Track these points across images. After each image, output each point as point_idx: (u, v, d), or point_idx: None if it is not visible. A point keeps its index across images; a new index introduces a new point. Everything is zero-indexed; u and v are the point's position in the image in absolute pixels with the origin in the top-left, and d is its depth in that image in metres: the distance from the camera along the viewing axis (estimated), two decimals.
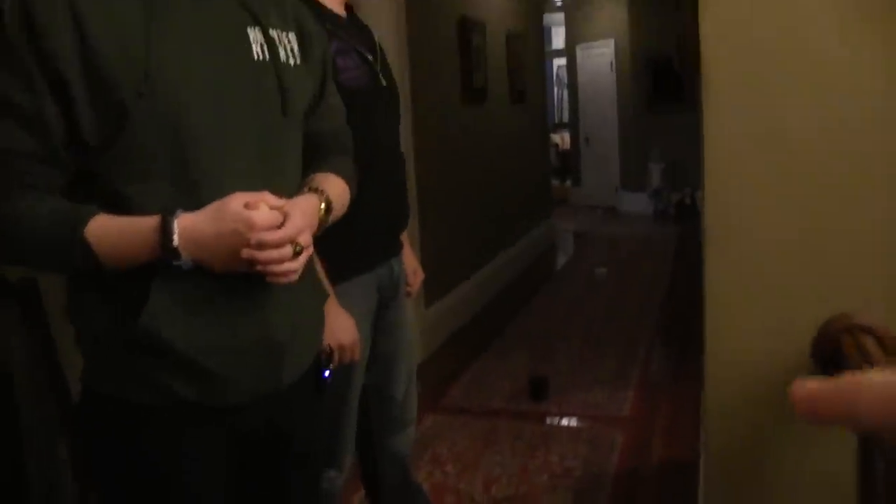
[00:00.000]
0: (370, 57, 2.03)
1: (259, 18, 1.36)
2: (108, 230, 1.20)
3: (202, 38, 1.27)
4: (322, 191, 1.42)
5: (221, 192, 1.22)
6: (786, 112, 2.27)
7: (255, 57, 1.33)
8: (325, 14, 1.96)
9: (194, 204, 1.22)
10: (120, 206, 1.21)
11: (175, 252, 1.19)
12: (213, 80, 1.26)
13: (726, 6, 2.28)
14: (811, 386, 0.29)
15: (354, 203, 1.97)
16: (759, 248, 2.38)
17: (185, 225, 1.19)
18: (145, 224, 1.20)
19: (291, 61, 1.41)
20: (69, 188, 1.24)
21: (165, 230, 1.18)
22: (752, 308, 2.31)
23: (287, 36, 1.43)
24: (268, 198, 1.25)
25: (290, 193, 1.35)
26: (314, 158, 1.52)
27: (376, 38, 2.16)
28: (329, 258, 1.87)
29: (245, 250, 1.21)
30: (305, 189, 1.41)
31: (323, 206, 1.39)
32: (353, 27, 2.07)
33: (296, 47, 1.44)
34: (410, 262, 2.28)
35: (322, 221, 1.38)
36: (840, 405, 0.28)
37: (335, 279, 1.91)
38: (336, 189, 1.48)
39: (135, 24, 1.19)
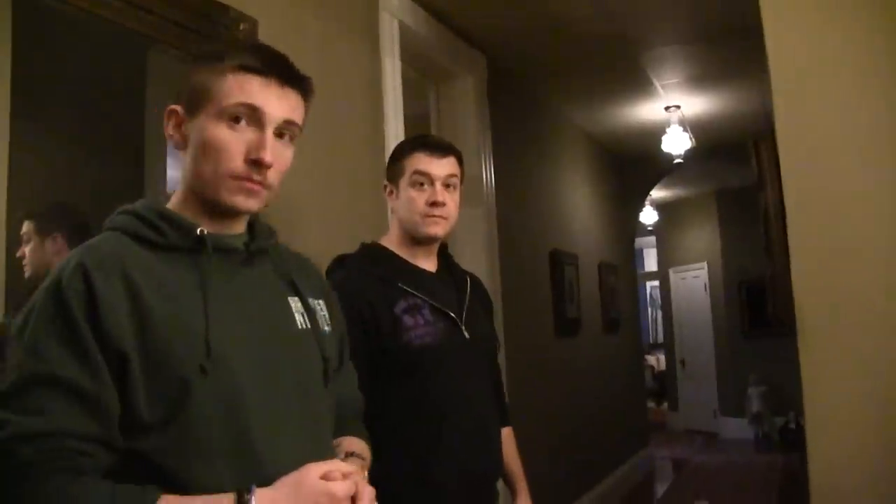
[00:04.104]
0: (452, 313, 2.01)
1: (298, 288, 1.42)
2: None
3: (250, 310, 1.30)
4: (360, 455, 1.46)
5: (277, 464, 1.21)
6: (891, 377, 2.20)
7: (299, 325, 1.38)
8: (401, 270, 2.00)
9: (254, 479, 1.18)
10: (172, 484, 1.15)
11: None
12: (261, 352, 1.28)
13: (816, 257, 2.29)
14: None
15: (426, 458, 1.90)
16: None
17: (263, 502, 1.15)
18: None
19: (326, 328, 1.46)
20: (112, 469, 1.15)
21: None
22: None
23: (319, 303, 1.47)
24: (340, 466, 1.24)
25: (328, 459, 1.33)
26: (335, 423, 1.50)
27: (468, 283, 2.14)
28: None
29: None
30: (342, 455, 1.42)
31: (365, 472, 1.40)
32: (437, 281, 2.07)
33: (326, 315, 1.48)
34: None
35: None
36: None
37: None
38: (366, 453, 1.52)
39: (193, 301, 1.22)
